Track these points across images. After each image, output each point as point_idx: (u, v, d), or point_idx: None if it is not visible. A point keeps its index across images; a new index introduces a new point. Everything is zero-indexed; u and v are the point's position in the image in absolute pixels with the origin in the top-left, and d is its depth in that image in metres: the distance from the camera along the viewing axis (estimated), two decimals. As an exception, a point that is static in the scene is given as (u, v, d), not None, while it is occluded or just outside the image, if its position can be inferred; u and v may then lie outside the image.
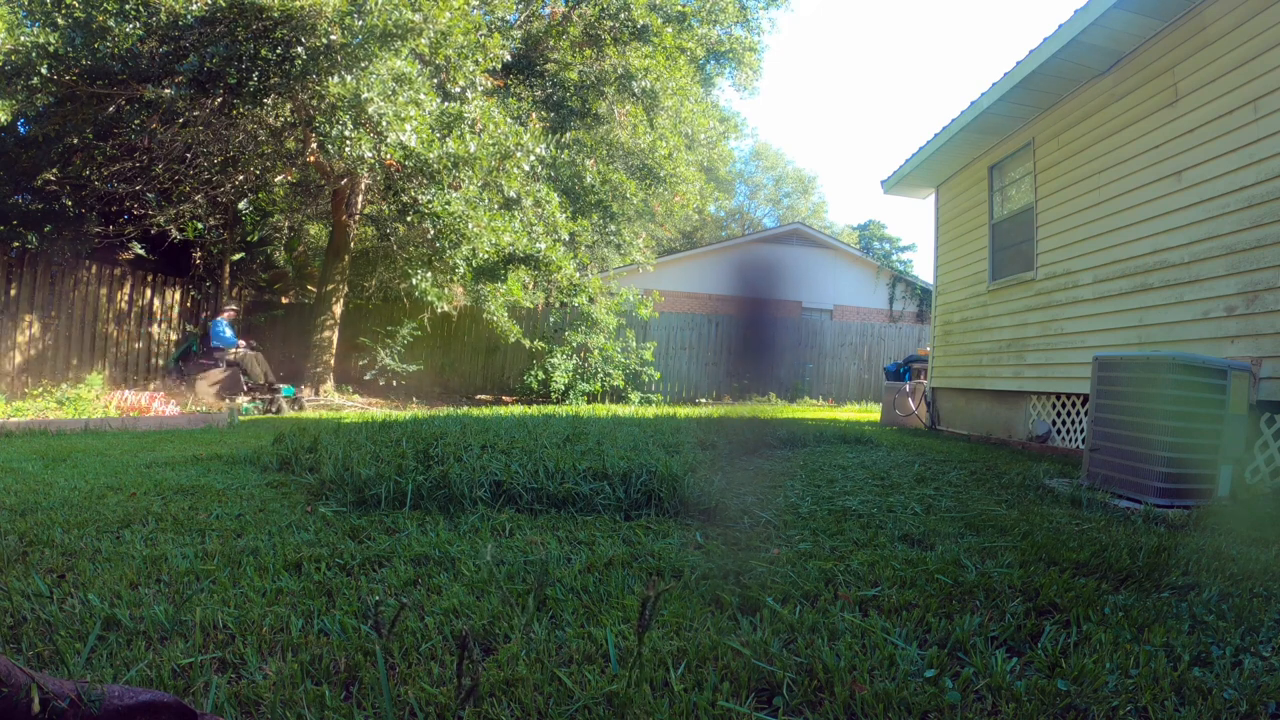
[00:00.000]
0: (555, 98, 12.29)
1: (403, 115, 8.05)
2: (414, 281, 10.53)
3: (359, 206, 11.20)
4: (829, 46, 74.73)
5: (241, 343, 9.74)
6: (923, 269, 22.10)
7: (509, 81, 11.84)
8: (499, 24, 10.75)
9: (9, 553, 2.00)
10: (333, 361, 11.25)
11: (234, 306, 10.35)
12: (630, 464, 3.02)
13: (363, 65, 7.98)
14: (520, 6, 12.04)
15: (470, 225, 9.12)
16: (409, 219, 9.65)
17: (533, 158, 9.77)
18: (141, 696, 1.00)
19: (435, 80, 9.11)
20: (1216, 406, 3.24)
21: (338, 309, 11.22)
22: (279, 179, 10.95)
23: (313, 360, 10.96)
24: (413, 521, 2.48)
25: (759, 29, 14.68)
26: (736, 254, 19.16)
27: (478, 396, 12.96)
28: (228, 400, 9.04)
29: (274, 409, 9.05)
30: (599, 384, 12.66)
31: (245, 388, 9.43)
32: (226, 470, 3.62)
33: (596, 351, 12.57)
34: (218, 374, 9.39)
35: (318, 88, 7.96)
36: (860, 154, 75.94)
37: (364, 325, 12.50)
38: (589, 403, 12.20)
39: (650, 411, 8.36)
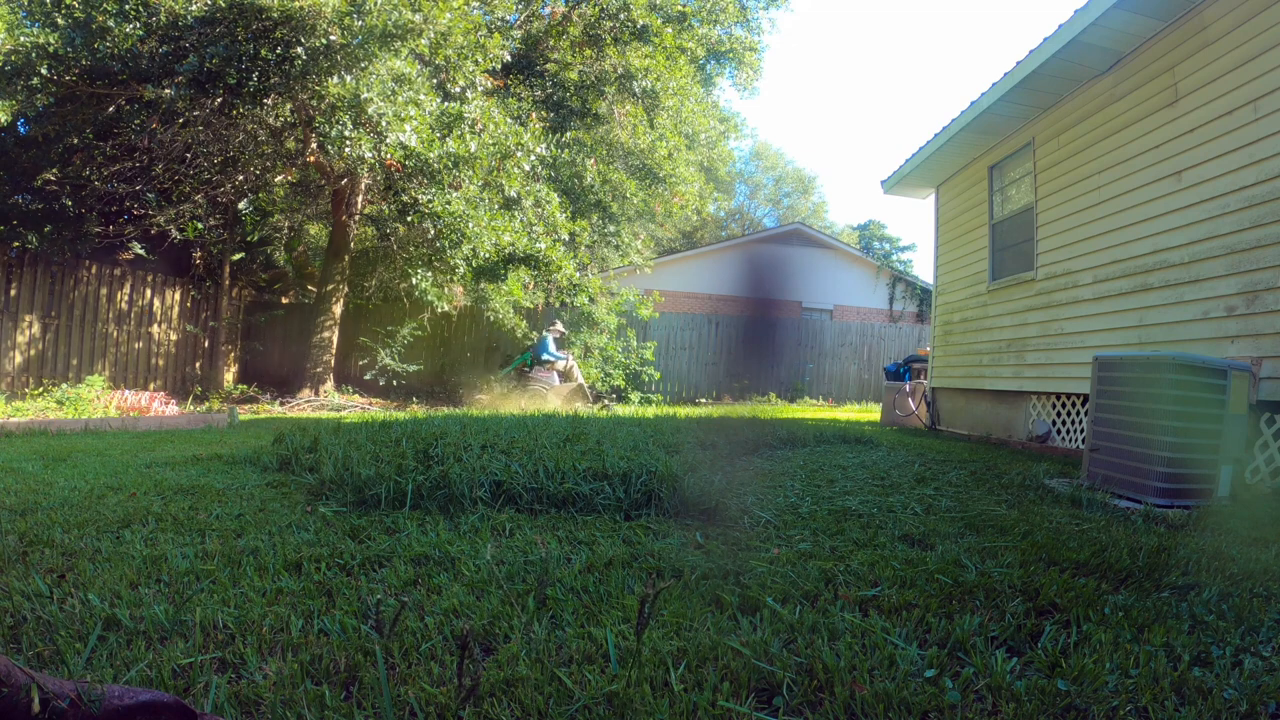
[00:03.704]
0: (555, 98, 12.29)
1: (403, 115, 8.04)
2: (414, 281, 10.53)
3: (359, 206, 11.20)
4: (829, 46, 74.74)
5: (568, 355, 11.37)
6: (923, 269, 22.09)
7: (509, 81, 11.84)
8: (499, 24, 10.75)
9: (9, 553, 2.00)
10: (333, 361, 11.24)
11: (560, 327, 11.67)
12: (630, 464, 3.02)
13: (362, 65, 7.98)
14: (520, 6, 12.03)
15: (471, 225, 9.12)
16: (409, 219, 9.66)
17: (533, 158, 9.77)
18: (141, 696, 1.00)
19: (435, 80, 9.11)
20: (1216, 406, 3.24)
21: (338, 309, 11.21)
22: (279, 179, 10.95)
23: (313, 360, 10.96)
24: (413, 521, 2.48)
25: (759, 29, 14.69)
26: (745, 251, 19.19)
27: (478, 396, 12.96)
28: (581, 406, 10.23)
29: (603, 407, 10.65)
30: (599, 384, 12.67)
31: (590, 398, 11.17)
32: (226, 470, 3.62)
33: (597, 351, 12.58)
34: (565, 389, 11.05)
35: (318, 88, 7.95)
36: (860, 154, 75.95)
37: (364, 325, 12.50)
38: (589, 403, 12.21)
39: (650, 411, 8.36)
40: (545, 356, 11.12)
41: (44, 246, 9.32)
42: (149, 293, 11.10)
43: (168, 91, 7.63)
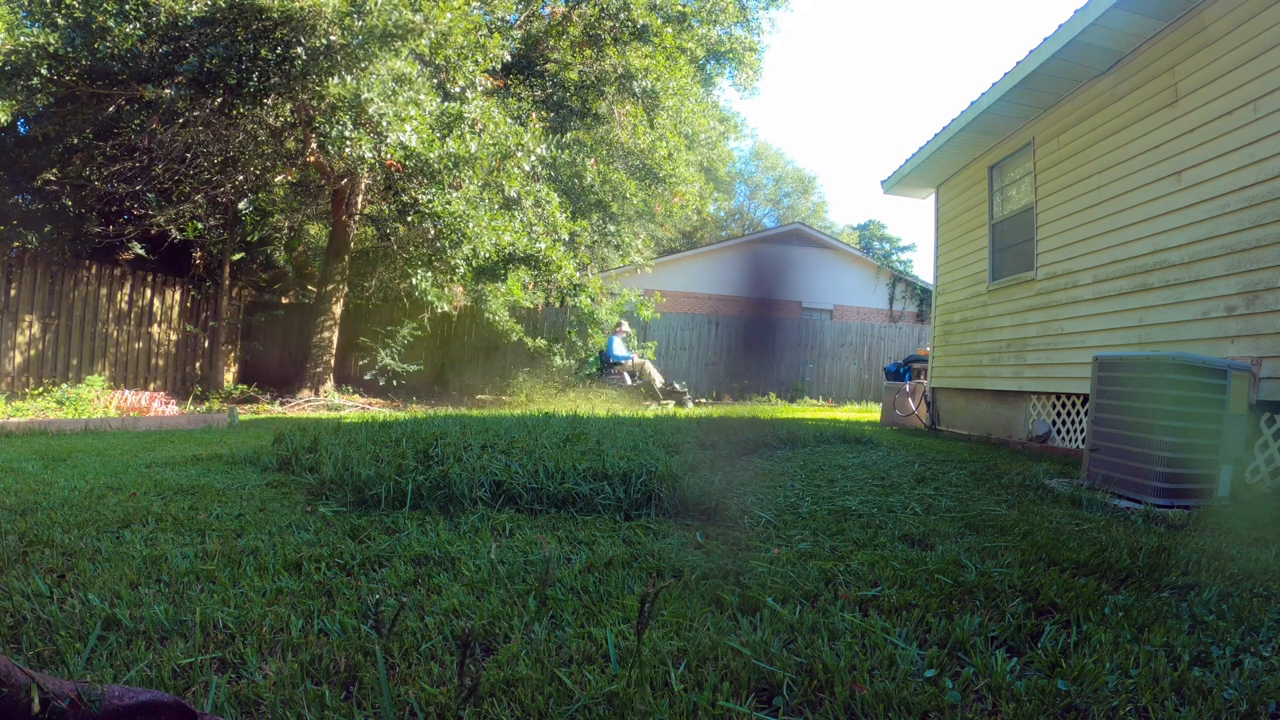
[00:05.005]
0: (555, 98, 12.29)
1: (403, 115, 8.04)
2: (414, 281, 10.53)
3: (359, 206, 11.20)
4: (829, 46, 74.76)
5: (635, 355, 11.63)
6: (923, 269, 22.12)
7: (509, 81, 11.84)
8: (499, 24, 10.75)
9: (9, 553, 2.00)
10: (333, 361, 11.24)
11: (626, 328, 11.85)
12: (630, 464, 3.02)
13: (363, 66, 7.98)
14: (520, 6, 12.03)
15: (471, 225, 9.12)
16: (409, 219, 9.66)
17: (533, 158, 9.77)
18: (141, 696, 1.00)
19: (435, 80, 9.11)
20: (1216, 406, 3.24)
21: (338, 309, 11.21)
22: (279, 179, 10.95)
23: (313, 360, 10.95)
24: (413, 521, 2.48)
25: (759, 29, 14.68)
26: (745, 251, 19.22)
27: (478, 396, 12.96)
28: (650, 406, 10.31)
29: (683, 405, 10.74)
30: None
31: (660, 395, 11.25)
32: (226, 470, 3.62)
33: (599, 351, 12.59)
34: (636, 388, 11.23)
35: (318, 88, 7.96)
36: (860, 154, 75.96)
37: (364, 325, 12.49)
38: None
39: (650, 411, 8.35)
40: (613, 359, 11.45)
41: (44, 246, 9.32)
42: (149, 293, 11.10)
43: (168, 91, 7.62)
